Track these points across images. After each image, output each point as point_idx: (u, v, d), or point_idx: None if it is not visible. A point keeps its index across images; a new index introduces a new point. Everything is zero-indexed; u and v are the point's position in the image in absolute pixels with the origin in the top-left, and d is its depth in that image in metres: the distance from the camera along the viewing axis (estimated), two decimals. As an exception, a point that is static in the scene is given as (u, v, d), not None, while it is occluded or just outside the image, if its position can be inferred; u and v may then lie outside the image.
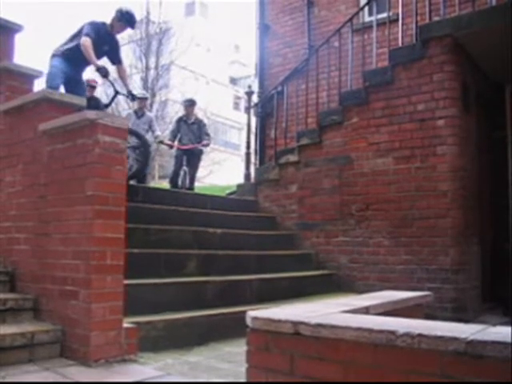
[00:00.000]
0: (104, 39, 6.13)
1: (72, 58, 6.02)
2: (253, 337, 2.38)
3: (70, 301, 3.34)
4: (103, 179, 3.35)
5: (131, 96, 6.72)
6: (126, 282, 3.49)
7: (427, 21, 6.50)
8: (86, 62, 6.12)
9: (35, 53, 27.31)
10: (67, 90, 5.92)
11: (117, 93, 6.59)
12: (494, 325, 2.33)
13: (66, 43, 6.14)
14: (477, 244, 6.39)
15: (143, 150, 6.93)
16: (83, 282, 3.28)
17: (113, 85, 6.67)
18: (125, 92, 6.54)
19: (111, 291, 3.33)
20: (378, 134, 6.50)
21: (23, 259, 3.81)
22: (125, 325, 3.41)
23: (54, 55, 6.09)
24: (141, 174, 8.17)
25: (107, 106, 6.95)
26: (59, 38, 6.48)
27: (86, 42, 5.86)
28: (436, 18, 6.50)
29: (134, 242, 4.34)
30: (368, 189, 6.52)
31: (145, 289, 4.21)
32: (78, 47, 5.92)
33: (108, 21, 6.28)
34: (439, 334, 1.89)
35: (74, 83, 6.09)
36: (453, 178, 5.93)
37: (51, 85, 5.83)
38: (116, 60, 6.46)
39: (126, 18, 6.22)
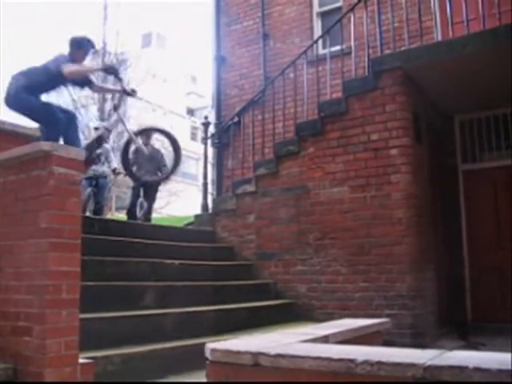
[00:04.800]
0: None
1: (41, 90, 5.87)
2: (212, 369, 2.35)
3: (23, 337, 3.23)
4: (58, 211, 3.28)
5: (129, 92, 6.66)
6: (82, 316, 3.41)
7: (379, 54, 6.72)
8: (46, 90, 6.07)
9: None
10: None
11: (124, 91, 6.57)
12: (451, 349, 2.37)
13: (34, 76, 5.77)
14: (433, 270, 6.51)
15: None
16: (37, 318, 3.17)
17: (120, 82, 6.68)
18: (127, 89, 6.59)
19: (66, 326, 3.23)
20: (334, 163, 6.60)
21: (-27, 295, 3.67)
22: (80, 360, 3.31)
23: (28, 89, 5.67)
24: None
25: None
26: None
27: (67, 68, 5.70)
28: (387, 51, 6.72)
29: (89, 275, 4.23)
30: (325, 218, 6.58)
31: (101, 323, 4.11)
32: (47, 80, 5.74)
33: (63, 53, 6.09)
34: (397, 360, 1.91)
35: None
36: (407, 205, 6.05)
37: (54, 119, 5.70)
38: (86, 82, 6.41)
39: (84, 44, 6.16)
